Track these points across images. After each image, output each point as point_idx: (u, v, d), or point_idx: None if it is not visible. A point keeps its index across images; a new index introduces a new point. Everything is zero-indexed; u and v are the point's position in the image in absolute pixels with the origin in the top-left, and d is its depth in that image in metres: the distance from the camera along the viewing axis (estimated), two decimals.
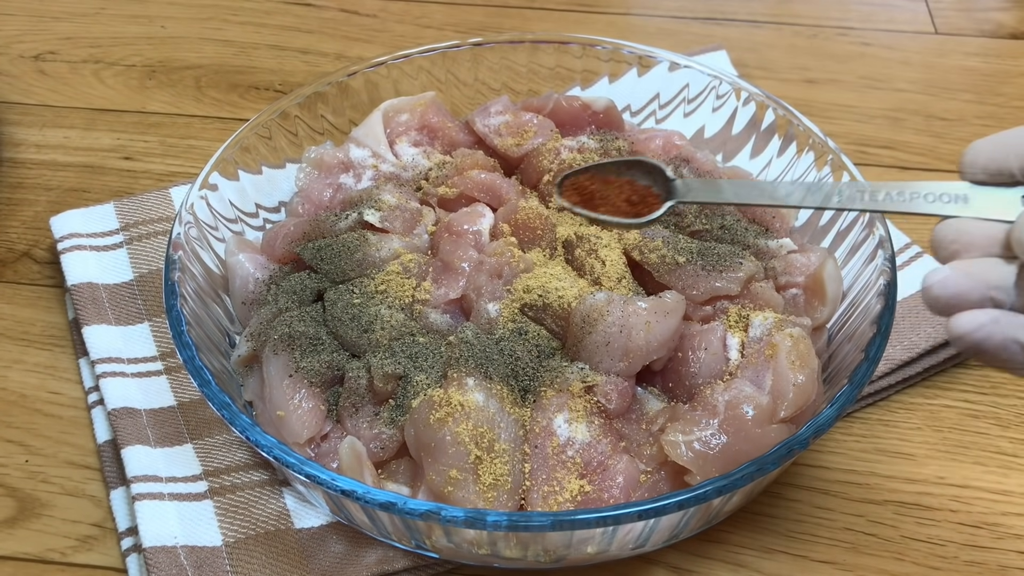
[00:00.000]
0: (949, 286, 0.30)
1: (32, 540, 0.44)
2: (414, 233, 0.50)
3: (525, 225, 0.49)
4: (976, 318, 0.30)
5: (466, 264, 0.47)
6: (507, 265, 0.46)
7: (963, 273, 0.30)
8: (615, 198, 0.39)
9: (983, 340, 0.30)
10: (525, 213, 0.49)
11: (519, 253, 0.48)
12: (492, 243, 0.48)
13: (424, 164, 0.54)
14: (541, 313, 0.45)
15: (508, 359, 0.44)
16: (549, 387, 0.43)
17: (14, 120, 0.64)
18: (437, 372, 0.43)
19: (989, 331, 0.29)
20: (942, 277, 0.30)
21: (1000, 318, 0.29)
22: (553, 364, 0.44)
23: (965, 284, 0.30)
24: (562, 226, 0.50)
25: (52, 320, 0.53)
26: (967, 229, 0.32)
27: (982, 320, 0.30)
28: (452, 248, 0.48)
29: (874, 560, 0.43)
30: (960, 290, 0.30)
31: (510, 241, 0.48)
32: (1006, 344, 0.29)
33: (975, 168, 0.33)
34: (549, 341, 0.45)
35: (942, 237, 0.32)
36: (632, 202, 0.39)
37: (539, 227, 0.49)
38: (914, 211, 0.33)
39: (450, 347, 0.44)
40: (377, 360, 0.44)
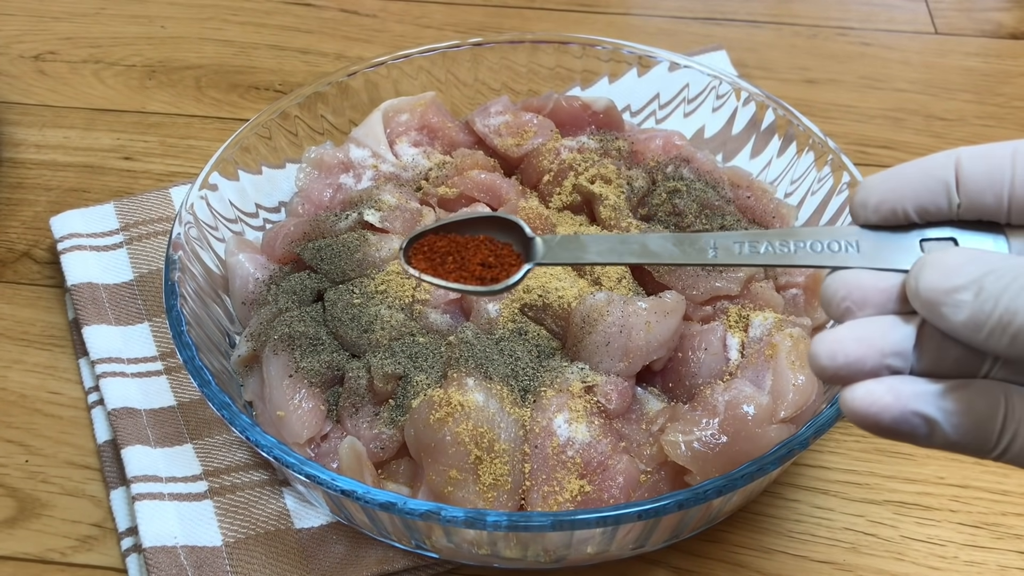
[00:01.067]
0: (838, 357, 0.26)
1: (32, 540, 0.44)
2: None
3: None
4: (870, 391, 0.26)
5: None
6: None
7: (855, 339, 0.26)
8: (470, 260, 0.35)
9: (879, 414, 0.26)
10: (525, 213, 0.49)
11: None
12: None
13: (424, 164, 0.54)
14: (541, 313, 0.45)
15: (508, 359, 0.44)
16: (549, 387, 0.43)
17: (14, 120, 0.64)
18: (437, 372, 0.43)
19: (885, 404, 0.26)
20: (829, 347, 0.26)
21: (898, 387, 0.26)
22: (553, 364, 0.44)
23: (856, 352, 0.26)
24: (562, 226, 0.50)
25: (52, 320, 0.53)
26: (859, 283, 0.28)
27: (877, 393, 0.26)
28: None
29: (874, 560, 0.43)
30: (851, 359, 0.26)
31: None
32: (905, 417, 0.26)
33: (867, 210, 0.29)
34: (549, 341, 0.45)
35: (832, 293, 0.28)
36: (488, 264, 0.35)
37: (539, 227, 0.49)
38: (799, 263, 0.30)
39: (450, 347, 0.44)
40: (377, 360, 0.44)
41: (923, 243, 0.29)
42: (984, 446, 0.26)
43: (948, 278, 0.26)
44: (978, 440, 0.26)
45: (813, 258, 0.30)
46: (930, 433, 0.26)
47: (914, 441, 0.27)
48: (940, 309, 0.26)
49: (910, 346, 0.27)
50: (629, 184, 0.51)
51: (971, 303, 0.25)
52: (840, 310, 0.28)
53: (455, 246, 0.35)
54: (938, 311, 0.26)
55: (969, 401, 0.26)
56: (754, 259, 0.30)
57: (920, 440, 0.27)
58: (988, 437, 0.26)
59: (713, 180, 0.52)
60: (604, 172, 0.51)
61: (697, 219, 0.49)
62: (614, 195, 0.50)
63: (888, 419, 0.26)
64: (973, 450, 0.26)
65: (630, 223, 0.49)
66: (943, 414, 0.26)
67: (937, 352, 0.26)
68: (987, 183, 0.27)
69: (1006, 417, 0.26)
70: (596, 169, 0.51)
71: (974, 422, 0.26)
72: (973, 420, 0.26)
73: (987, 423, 0.26)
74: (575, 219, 0.51)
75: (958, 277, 0.26)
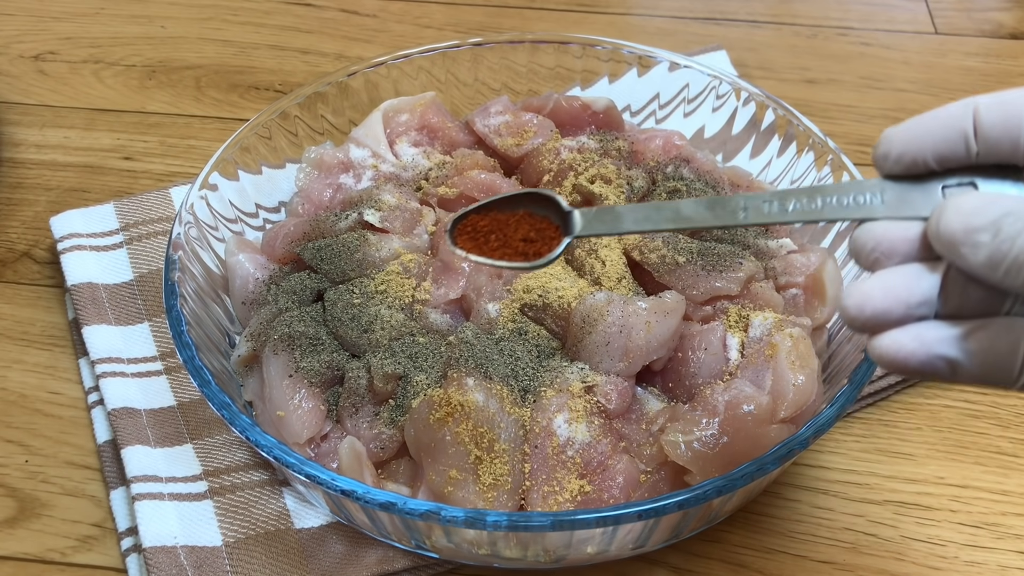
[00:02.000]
0: (867, 308, 0.28)
1: (32, 540, 0.44)
2: (414, 233, 0.50)
3: None
4: (896, 340, 0.28)
5: (466, 264, 0.47)
6: None
7: (882, 290, 0.28)
8: (512, 236, 0.36)
9: (905, 360, 0.28)
10: None
11: None
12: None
13: (424, 164, 0.54)
14: (541, 313, 0.45)
15: (508, 359, 0.44)
16: (549, 387, 0.43)
17: (14, 120, 0.64)
18: (437, 372, 0.43)
19: (910, 351, 0.28)
20: (858, 299, 0.28)
21: (923, 334, 0.28)
22: (553, 364, 0.44)
23: (883, 303, 0.28)
24: None
25: (52, 320, 0.53)
26: (886, 234, 0.29)
27: (903, 341, 0.28)
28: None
29: (874, 560, 0.43)
30: (879, 310, 0.28)
31: None
32: (930, 361, 0.28)
33: (888, 161, 0.30)
34: (549, 341, 0.45)
35: (861, 245, 0.30)
36: (530, 239, 0.36)
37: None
38: (827, 217, 0.31)
39: (450, 347, 0.44)
40: (377, 360, 0.44)
41: (944, 190, 0.30)
42: (1007, 378, 0.28)
43: (967, 220, 0.27)
44: (1000, 374, 0.28)
45: (840, 212, 0.31)
46: (954, 372, 0.28)
47: (941, 380, 0.29)
48: (960, 250, 0.27)
49: (935, 294, 0.28)
50: (629, 184, 0.51)
51: (989, 244, 0.27)
52: (870, 261, 0.30)
53: (497, 224, 0.36)
54: (958, 251, 0.27)
55: (990, 340, 0.28)
56: (783, 216, 0.31)
57: (946, 379, 0.29)
58: (1010, 370, 0.28)
59: (713, 180, 0.52)
60: (604, 172, 0.51)
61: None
62: (614, 195, 0.50)
63: (914, 364, 0.28)
64: (996, 383, 0.28)
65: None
66: (965, 355, 0.28)
67: (961, 296, 0.28)
68: (1004, 129, 0.28)
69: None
70: (596, 169, 0.51)
71: (995, 358, 0.28)
72: (994, 357, 0.28)
73: (1008, 357, 0.28)
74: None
75: (976, 219, 0.27)
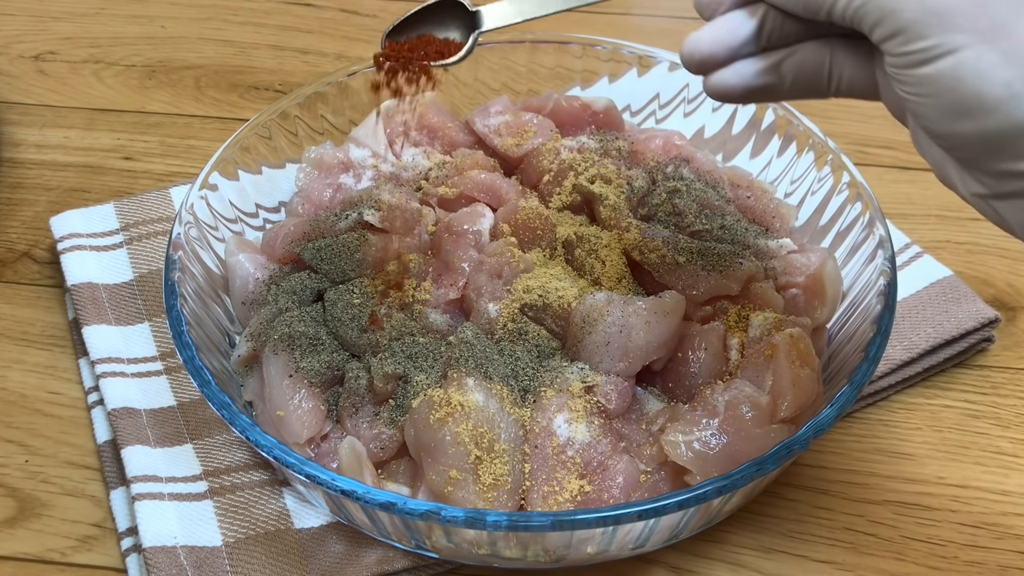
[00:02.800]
0: (696, 54, 0.35)
1: (32, 540, 0.44)
2: (414, 233, 0.50)
3: (525, 225, 0.49)
4: (722, 77, 0.34)
5: (466, 264, 0.47)
6: (507, 265, 0.46)
7: (710, 37, 0.35)
8: (429, 51, 0.42)
9: (729, 93, 0.35)
10: (525, 213, 0.49)
11: (519, 253, 0.47)
12: (492, 243, 0.48)
13: (424, 164, 0.54)
14: (541, 313, 0.45)
15: (508, 359, 0.44)
16: (549, 387, 0.43)
17: (14, 120, 0.64)
18: (437, 372, 0.43)
19: (732, 85, 0.34)
20: (691, 46, 0.35)
21: (742, 70, 0.34)
22: (553, 364, 0.44)
23: (709, 48, 0.34)
24: (562, 226, 0.50)
25: (52, 320, 0.53)
26: None
27: (726, 77, 0.34)
28: (452, 248, 0.48)
29: (874, 560, 0.43)
30: (705, 55, 0.34)
31: (510, 241, 0.48)
32: (750, 90, 0.34)
33: None
34: (549, 341, 0.45)
35: (696, 1, 0.36)
36: (443, 53, 0.42)
37: (539, 227, 0.49)
38: None
39: (450, 347, 0.44)
40: (377, 360, 0.44)
41: None
42: (819, 90, 0.34)
43: None
44: (812, 88, 0.34)
45: None
46: (775, 92, 0.35)
47: (767, 100, 0.36)
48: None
49: (754, 35, 0.34)
50: (629, 184, 0.51)
51: None
52: (708, 11, 0.35)
53: (418, 44, 0.42)
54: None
55: (800, 62, 0.34)
56: None
57: (771, 99, 0.36)
58: (820, 83, 0.34)
59: (713, 180, 0.52)
60: (604, 172, 0.51)
61: (697, 219, 0.49)
62: (614, 195, 0.50)
63: (737, 95, 0.35)
64: (811, 95, 0.35)
65: (630, 223, 0.49)
66: (779, 78, 0.34)
67: (780, 32, 0.34)
68: None
69: (831, 65, 0.34)
70: (596, 169, 0.51)
71: (806, 76, 0.34)
72: (805, 75, 0.34)
73: (816, 73, 0.34)
74: (575, 219, 0.51)
75: None
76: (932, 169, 0.33)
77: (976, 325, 0.49)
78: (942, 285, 0.51)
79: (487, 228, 0.49)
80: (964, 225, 0.58)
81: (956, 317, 0.49)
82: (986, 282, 0.55)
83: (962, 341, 0.49)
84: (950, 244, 0.57)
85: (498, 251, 0.47)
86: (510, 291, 0.46)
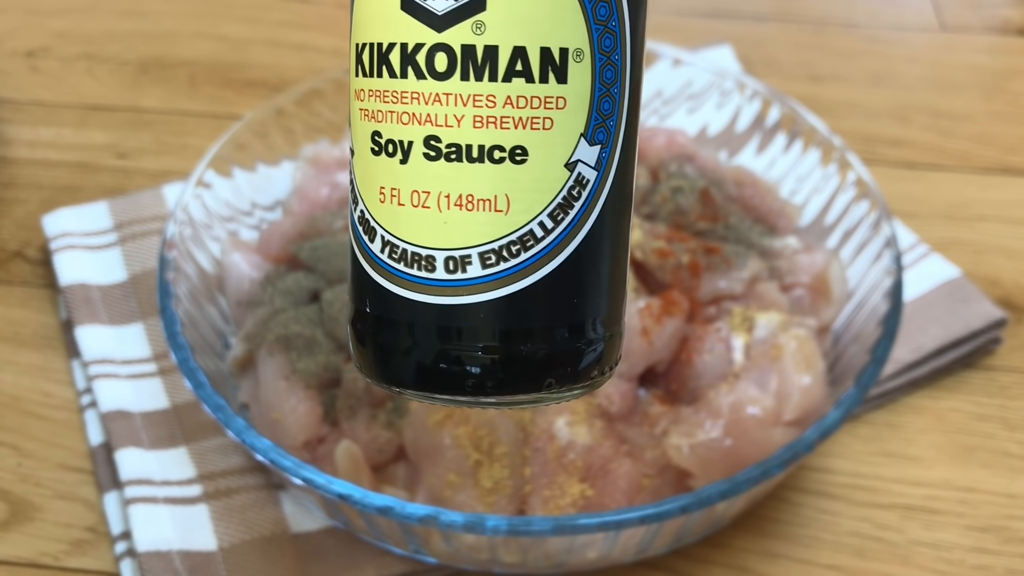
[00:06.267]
0: None
1: (24, 544, 0.43)
2: None
3: None
4: None
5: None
6: None
7: None
8: None
9: None
10: None
11: None
12: None
13: None
14: None
15: None
16: None
17: (6, 117, 0.64)
18: None
19: None
20: None
21: None
22: None
23: None
24: None
25: (44, 321, 0.52)
26: None
27: None
28: None
29: (880, 564, 0.43)
30: None
31: None
32: None
33: None
34: None
35: None
36: None
37: None
38: None
39: None
40: None
41: None
42: None
43: None
44: None
45: None
46: None
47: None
48: None
49: None
50: None
51: None
52: None
53: None
54: None
55: None
56: None
57: None
58: None
59: (717, 178, 0.51)
60: None
61: (700, 218, 0.49)
62: None
63: None
64: None
65: (632, 221, 0.48)
66: None
67: None
68: None
69: None
70: None
71: None
72: None
73: None
74: None
75: None
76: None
77: (984, 326, 0.49)
78: (949, 285, 0.51)
79: None
80: (972, 225, 0.57)
81: (964, 318, 0.49)
82: (994, 282, 0.54)
83: (969, 342, 0.49)
84: (957, 244, 0.56)
85: None
86: None
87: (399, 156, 0.25)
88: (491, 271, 0.25)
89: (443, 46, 0.25)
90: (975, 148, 0.63)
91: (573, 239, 0.26)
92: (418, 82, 0.25)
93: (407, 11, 0.25)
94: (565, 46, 0.25)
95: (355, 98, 0.27)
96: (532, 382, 0.26)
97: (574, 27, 0.25)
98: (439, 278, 0.25)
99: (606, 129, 0.26)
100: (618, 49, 0.26)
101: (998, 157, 0.62)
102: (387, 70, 0.25)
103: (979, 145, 0.63)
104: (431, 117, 0.25)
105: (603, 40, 0.25)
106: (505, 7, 0.24)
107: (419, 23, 0.25)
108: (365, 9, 0.26)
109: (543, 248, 0.25)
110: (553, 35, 0.24)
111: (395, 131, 0.25)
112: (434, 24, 0.25)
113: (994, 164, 0.62)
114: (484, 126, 0.25)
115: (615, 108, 0.26)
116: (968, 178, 0.61)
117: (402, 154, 0.25)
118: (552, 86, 0.25)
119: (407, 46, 0.25)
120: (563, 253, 0.26)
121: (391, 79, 0.25)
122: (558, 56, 0.25)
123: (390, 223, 0.26)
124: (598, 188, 0.26)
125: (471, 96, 0.24)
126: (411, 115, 0.25)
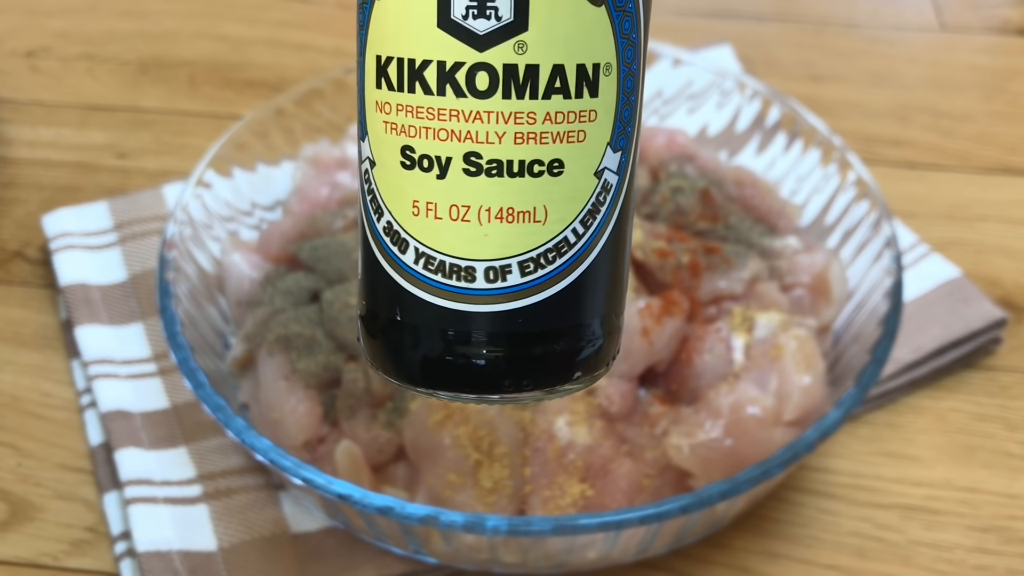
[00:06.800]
0: None
1: (24, 544, 0.43)
2: None
3: None
4: None
5: None
6: None
7: None
8: None
9: None
10: None
11: None
12: None
13: None
14: None
15: None
16: None
17: (6, 117, 0.64)
18: None
19: None
20: None
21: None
22: None
23: None
24: None
25: (44, 321, 0.52)
26: None
27: None
28: None
29: (881, 565, 0.43)
30: None
31: None
32: None
33: None
34: None
35: None
36: None
37: None
38: None
39: None
40: None
41: None
42: None
43: None
44: None
45: None
46: None
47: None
48: None
49: None
50: None
51: None
52: None
53: None
54: None
55: None
56: None
57: None
58: None
59: (717, 178, 0.51)
60: None
61: (700, 218, 0.49)
62: None
63: None
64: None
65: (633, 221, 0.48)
66: None
67: None
68: None
69: None
70: None
71: None
72: None
73: None
74: None
75: None
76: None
77: (984, 326, 0.49)
78: (950, 285, 0.51)
79: None
80: (972, 225, 0.57)
81: (964, 318, 0.49)
82: (994, 282, 0.54)
83: (970, 342, 0.49)
84: (958, 244, 0.56)
85: None
86: None
87: (436, 171, 0.25)
88: (529, 278, 0.26)
89: (485, 65, 0.25)
90: (975, 148, 0.63)
91: (599, 241, 0.27)
92: (457, 100, 0.25)
93: (445, 29, 0.25)
94: (597, 61, 0.25)
95: (377, 110, 0.26)
96: (565, 375, 0.28)
97: (605, 43, 0.25)
98: (479, 287, 0.26)
99: (627, 136, 0.27)
100: (637, 59, 0.26)
101: (998, 157, 0.62)
102: (421, 86, 0.25)
103: (979, 145, 0.63)
104: (471, 134, 0.25)
105: (626, 52, 0.26)
106: (546, 27, 0.24)
107: (458, 42, 0.25)
108: (391, 22, 0.25)
109: (575, 253, 0.26)
110: (588, 52, 0.25)
111: (431, 147, 0.25)
112: (475, 44, 0.25)
113: (994, 164, 0.62)
114: (525, 142, 0.25)
115: (633, 115, 0.27)
116: (968, 178, 0.61)
117: (439, 169, 0.25)
118: (586, 100, 0.25)
119: (445, 64, 0.25)
120: (592, 255, 0.27)
121: (426, 95, 0.25)
122: (591, 72, 0.25)
123: (426, 236, 0.26)
124: (619, 191, 0.27)
125: (512, 114, 0.25)
126: (449, 132, 0.25)
